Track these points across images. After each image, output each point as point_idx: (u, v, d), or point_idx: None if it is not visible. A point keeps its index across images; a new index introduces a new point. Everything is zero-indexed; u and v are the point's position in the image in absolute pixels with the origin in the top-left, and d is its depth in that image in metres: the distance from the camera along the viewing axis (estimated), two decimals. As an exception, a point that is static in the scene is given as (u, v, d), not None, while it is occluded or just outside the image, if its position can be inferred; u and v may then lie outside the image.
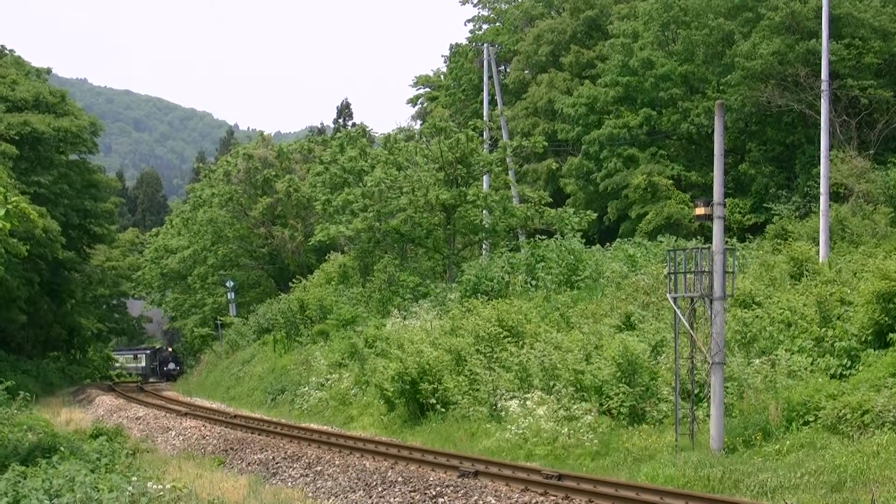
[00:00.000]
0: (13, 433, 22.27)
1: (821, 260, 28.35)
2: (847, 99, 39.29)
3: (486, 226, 43.50)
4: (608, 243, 39.77)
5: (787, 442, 17.53)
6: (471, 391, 25.18)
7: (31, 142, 57.43)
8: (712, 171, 19.67)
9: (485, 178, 45.98)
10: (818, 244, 29.89)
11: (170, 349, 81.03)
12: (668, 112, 47.47)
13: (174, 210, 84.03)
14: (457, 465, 18.59)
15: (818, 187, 31.84)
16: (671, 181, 45.86)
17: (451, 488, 16.78)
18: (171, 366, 76.58)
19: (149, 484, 15.54)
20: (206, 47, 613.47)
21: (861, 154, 37.75)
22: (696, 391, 19.91)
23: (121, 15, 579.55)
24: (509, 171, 48.77)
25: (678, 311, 19.48)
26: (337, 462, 20.58)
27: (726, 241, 20.73)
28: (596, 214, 45.33)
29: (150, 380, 74.27)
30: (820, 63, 33.61)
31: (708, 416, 18.99)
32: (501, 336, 26.80)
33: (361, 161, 48.67)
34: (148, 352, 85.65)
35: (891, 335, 19.73)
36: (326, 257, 53.73)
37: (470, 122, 47.35)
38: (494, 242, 43.70)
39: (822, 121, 32.02)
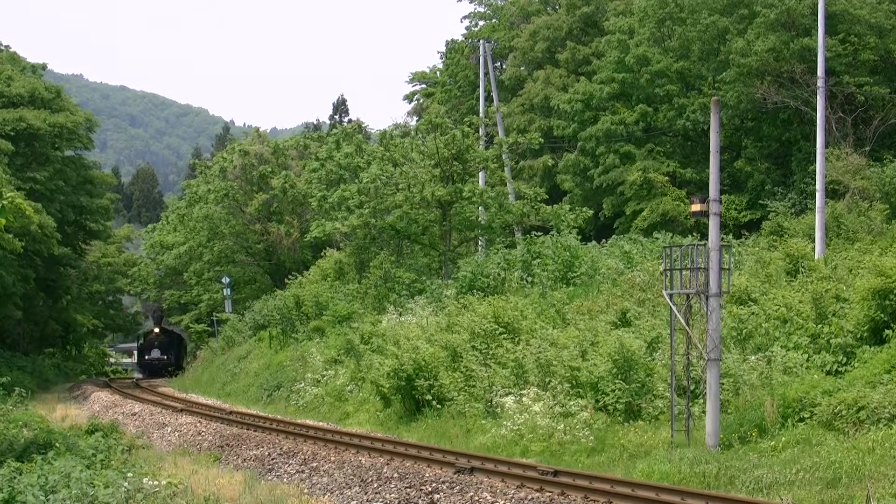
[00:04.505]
0: (9, 429, 22.23)
1: (817, 257, 28.38)
2: (843, 96, 39.36)
3: (482, 222, 43.49)
4: (604, 240, 39.78)
5: (783, 438, 17.52)
6: (466, 388, 25.17)
7: (27, 138, 57.34)
8: (708, 167, 19.64)
9: (481, 174, 45.97)
10: (814, 241, 29.92)
11: (155, 331, 66.00)
12: (663, 109, 47.57)
13: (170, 206, 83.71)
14: (452, 461, 18.56)
15: (814, 184, 31.89)
16: (667, 178, 45.96)
17: (447, 484, 16.77)
18: (155, 353, 63.15)
19: (144, 480, 15.51)
20: (202, 43, 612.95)
21: (857, 151, 37.85)
22: (691, 388, 19.91)
23: (116, 11, 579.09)
24: (505, 168, 48.74)
25: (674, 308, 19.48)
26: (333, 458, 20.55)
27: (722, 238, 20.73)
28: (592, 211, 45.43)
29: (136, 376, 65.66)
30: (816, 60, 33.66)
31: (703, 412, 19.00)
32: (497, 332, 26.77)
33: (357, 157, 48.59)
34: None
35: (886, 332, 19.74)
36: (322, 254, 53.68)
37: (466, 119, 47.25)
38: (490, 239, 43.67)
39: (818, 118, 32.05)
